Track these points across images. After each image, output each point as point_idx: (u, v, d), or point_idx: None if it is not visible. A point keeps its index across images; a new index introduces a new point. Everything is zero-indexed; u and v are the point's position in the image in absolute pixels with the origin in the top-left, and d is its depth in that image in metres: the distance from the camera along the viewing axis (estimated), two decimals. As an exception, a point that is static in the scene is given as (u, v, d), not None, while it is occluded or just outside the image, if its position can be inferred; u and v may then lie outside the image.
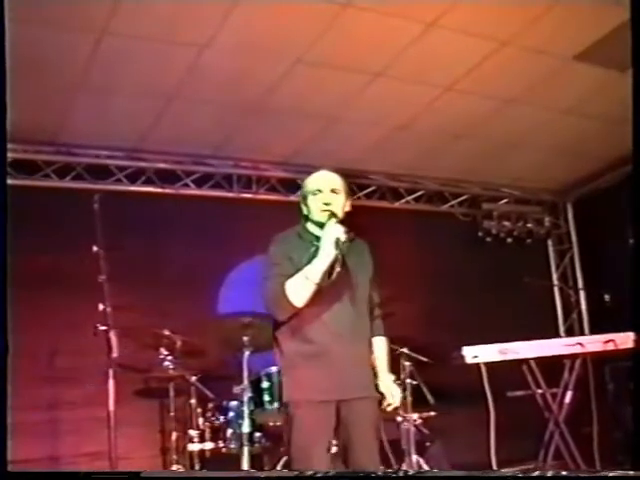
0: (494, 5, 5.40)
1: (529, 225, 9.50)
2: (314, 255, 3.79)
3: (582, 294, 9.82)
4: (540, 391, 6.76)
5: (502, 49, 6.06)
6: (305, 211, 4.14)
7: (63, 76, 5.85)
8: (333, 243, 3.69)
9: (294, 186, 8.26)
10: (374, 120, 7.18)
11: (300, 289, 3.75)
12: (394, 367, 4.81)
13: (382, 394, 4.14)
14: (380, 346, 4.27)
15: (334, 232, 3.74)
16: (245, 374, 5.60)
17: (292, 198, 8.24)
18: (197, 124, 6.99)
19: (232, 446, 5.85)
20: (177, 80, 6.16)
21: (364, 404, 3.92)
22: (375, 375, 4.15)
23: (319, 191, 4.02)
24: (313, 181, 4.13)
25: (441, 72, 6.44)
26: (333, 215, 3.90)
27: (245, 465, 5.47)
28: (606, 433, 7.38)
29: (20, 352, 3.50)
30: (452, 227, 8.93)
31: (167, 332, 6.10)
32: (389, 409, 4.22)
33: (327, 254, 3.71)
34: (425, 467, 6.36)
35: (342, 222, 3.93)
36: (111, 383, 4.92)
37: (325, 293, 3.78)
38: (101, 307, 5.03)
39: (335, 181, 4.08)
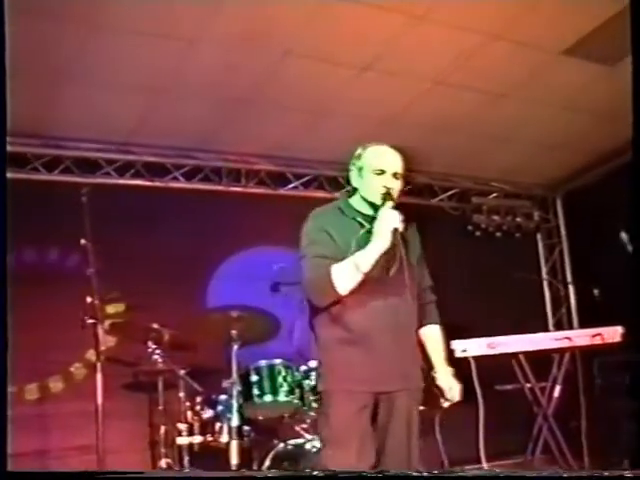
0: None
1: (518, 219, 9.52)
2: (362, 237, 3.59)
3: (571, 288, 9.85)
4: (529, 385, 6.79)
5: (491, 43, 6.05)
6: (356, 183, 3.84)
7: (52, 69, 5.83)
8: (390, 232, 3.46)
9: (283, 179, 8.28)
10: (363, 113, 7.17)
11: (348, 278, 3.49)
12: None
13: (440, 388, 3.88)
14: (434, 335, 4.02)
15: (392, 220, 3.48)
16: (234, 368, 5.59)
17: (281, 191, 8.26)
18: (186, 117, 6.97)
19: (221, 440, 5.82)
20: (166, 73, 6.14)
21: (405, 397, 3.66)
22: (431, 367, 3.92)
23: (382, 172, 3.70)
24: (379, 159, 3.78)
25: (430, 65, 6.43)
26: (390, 198, 3.61)
27: (234, 459, 5.46)
28: (594, 427, 7.40)
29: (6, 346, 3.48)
30: (441, 221, 8.93)
31: (156, 325, 6.08)
32: (446, 405, 3.91)
33: (382, 244, 3.47)
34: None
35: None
36: (99, 377, 4.91)
37: (371, 279, 3.52)
38: (89, 300, 5.02)
39: (399, 164, 3.78)
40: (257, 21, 5.48)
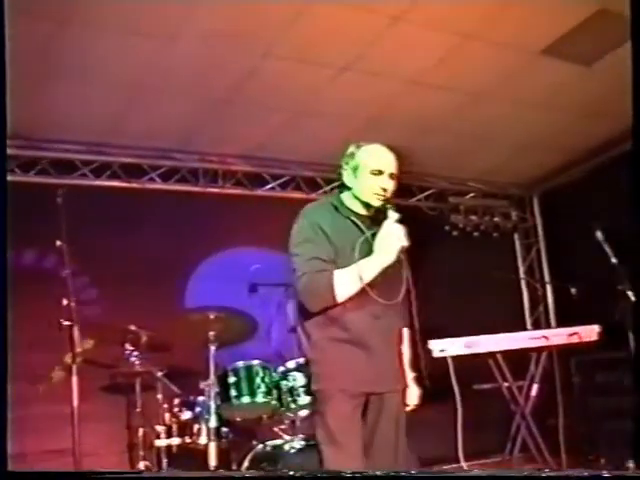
0: (462, -1, 5.43)
1: (496, 219, 9.56)
2: (363, 245, 3.49)
3: (548, 287, 9.89)
4: (507, 384, 6.82)
5: (469, 43, 6.08)
6: (349, 182, 3.70)
7: (27, 68, 5.78)
8: (396, 248, 3.39)
9: (260, 180, 8.27)
10: (341, 114, 7.17)
11: (348, 286, 3.41)
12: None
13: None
14: (403, 338, 3.90)
15: (399, 237, 3.41)
16: (212, 369, 5.59)
17: (259, 192, 8.25)
18: (163, 118, 6.95)
19: (199, 441, 5.80)
20: (143, 73, 6.11)
21: (394, 398, 3.64)
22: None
23: (380, 172, 3.61)
24: (376, 159, 3.67)
25: (408, 66, 6.44)
26: (388, 203, 3.54)
27: (212, 460, 5.45)
28: (572, 425, 7.43)
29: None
30: (419, 221, 8.90)
31: (133, 327, 6.05)
32: (407, 409, 3.84)
33: (387, 259, 3.40)
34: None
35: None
36: (74, 379, 4.87)
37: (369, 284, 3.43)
38: (65, 302, 4.98)
39: (395, 165, 3.70)
40: (237, 21, 5.47)
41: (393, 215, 3.48)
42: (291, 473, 3.37)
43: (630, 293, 5.24)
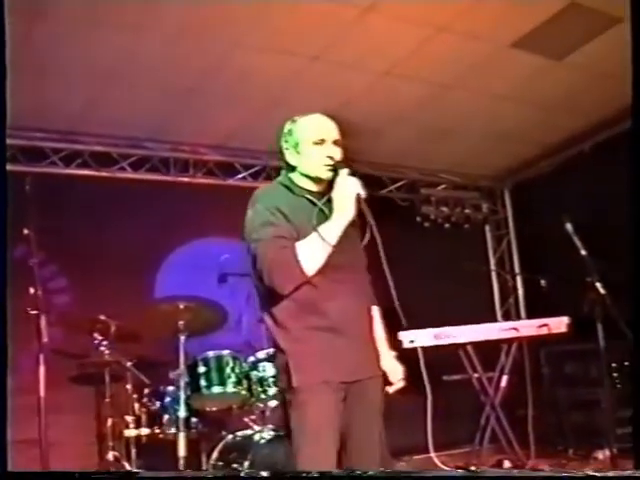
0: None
1: (467, 211, 9.58)
2: (319, 216, 3.28)
3: (519, 279, 9.94)
4: (476, 375, 6.85)
5: (440, 35, 6.08)
6: (294, 161, 3.51)
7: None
8: (353, 200, 3.21)
9: (231, 170, 8.24)
10: (311, 104, 7.06)
11: (314, 253, 3.19)
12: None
13: (383, 372, 3.57)
14: (376, 317, 3.69)
15: (353, 186, 3.24)
16: (181, 359, 5.58)
17: (230, 182, 8.22)
18: (134, 107, 6.90)
19: (168, 431, 5.80)
20: (113, 62, 6.05)
21: (373, 384, 3.43)
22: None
23: (322, 141, 3.42)
24: (315, 128, 3.51)
25: (378, 57, 6.43)
26: (340, 166, 3.33)
27: (181, 451, 5.45)
28: (541, 416, 7.49)
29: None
30: (390, 212, 8.95)
31: (102, 317, 6.01)
32: (392, 390, 3.62)
33: (346, 213, 3.21)
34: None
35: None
36: (42, 369, 4.83)
37: (332, 258, 3.23)
38: (32, 291, 4.93)
39: (336, 131, 3.51)
40: (207, 11, 5.43)
41: (344, 171, 3.31)
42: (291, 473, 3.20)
43: (599, 285, 5.27)
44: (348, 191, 3.24)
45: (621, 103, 7.51)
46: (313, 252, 3.20)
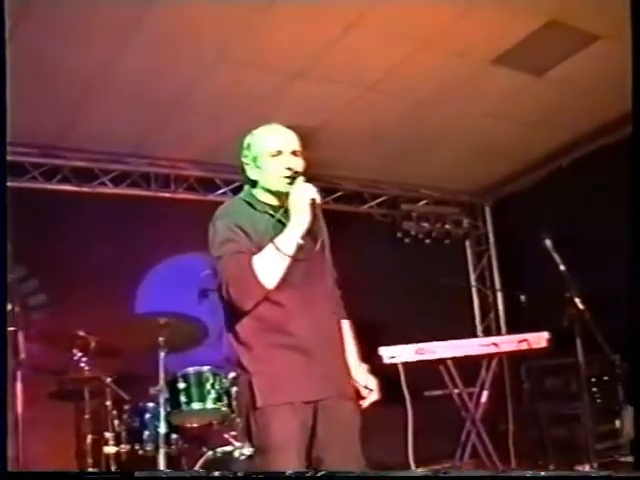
0: (413, 7, 5.43)
1: (447, 226, 9.59)
2: (274, 227, 3.24)
3: (499, 294, 9.96)
4: (457, 390, 6.86)
5: (422, 51, 6.12)
6: (254, 175, 3.48)
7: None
8: (308, 206, 3.17)
9: (212, 185, 8.24)
10: (293, 120, 7.08)
11: (271, 266, 3.14)
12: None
13: (355, 387, 3.52)
14: (346, 331, 3.65)
15: (307, 192, 3.20)
16: (161, 375, 5.54)
17: (210, 197, 8.21)
18: (114, 122, 6.89)
19: (148, 448, 5.76)
20: (94, 76, 6.05)
21: (343, 403, 3.36)
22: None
23: (279, 152, 3.39)
24: (271, 139, 3.48)
25: (360, 73, 6.46)
26: (298, 175, 3.30)
27: (162, 467, 5.41)
28: (521, 431, 7.50)
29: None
30: (371, 228, 8.97)
31: (82, 333, 5.97)
32: (366, 403, 3.56)
33: (301, 220, 3.16)
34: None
35: None
36: (19, 386, 4.81)
37: (294, 271, 3.21)
38: (9, 307, 4.90)
39: (295, 141, 3.49)
40: (189, 26, 5.45)
41: (299, 179, 3.29)
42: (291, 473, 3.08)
43: (577, 300, 5.29)
44: (302, 197, 3.20)
45: (600, 118, 7.60)
46: (270, 264, 3.16)
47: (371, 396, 3.60)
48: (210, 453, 5.67)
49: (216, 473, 5.21)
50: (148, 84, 6.28)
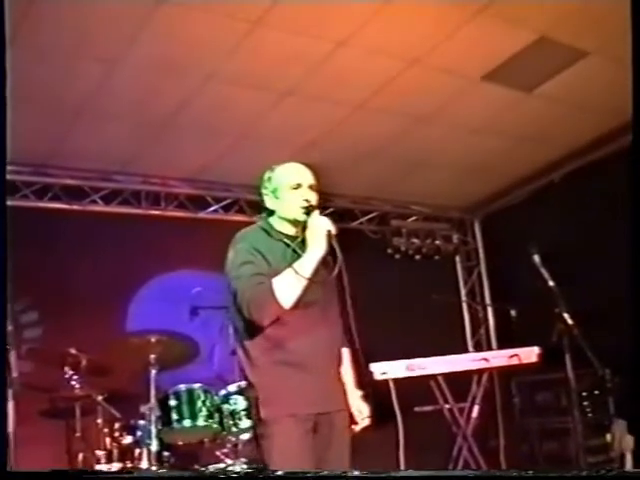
0: (403, 25, 5.49)
1: (437, 242, 9.62)
2: (291, 257, 3.51)
3: (489, 310, 9.98)
4: (448, 406, 6.85)
5: (411, 69, 6.16)
6: (273, 206, 3.74)
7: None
8: (324, 236, 3.41)
9: (203, 203, 8.24)
10: (284, 138, 7.18)
11: (290, 287, 3.37)
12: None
13: (349, 412, 3.77)
14: (344, 358, 3.88)
15: (324, 224, 3.45)
16: (152, 392, 5.55)
17: (201, 215, 8.22)
18: (105, 140, 6.91)
19: (140, 466, 5.75)
20: (85, 95, 6.08)
21: (341, 418, 3.64)
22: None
23: (299, 185, 3.64)
24: (291, 174, 3.72)
25: (351, 91, 6.49)
26: (314, 209, 3.55)
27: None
28: (512, 445, 7.50)
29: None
30: (361, 244, 8.97)
31: (73, 351, 5.98)
32: (357, 429, 3.81)
33: (318, 249, 3.41)
34: None
35: None
36: (11, 404, 4.79)
37: (303, 296, 3.42)
38: (1, 326, 4.89)
39: (312, 177, 3.73)
40: (179, 46, 5.49)
41: (315, 212, 3.54)
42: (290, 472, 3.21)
43: (566, 315, 5.31)
44: (320, 228, 3.45)
45: (590, 134, 7.65)
46: (288, 285, 3.38)
47: (363, 422, 3.85)
48: (202, 471, 5.67)
49: (216, 473, 5.26)
50: (139, 102, 6.30)
